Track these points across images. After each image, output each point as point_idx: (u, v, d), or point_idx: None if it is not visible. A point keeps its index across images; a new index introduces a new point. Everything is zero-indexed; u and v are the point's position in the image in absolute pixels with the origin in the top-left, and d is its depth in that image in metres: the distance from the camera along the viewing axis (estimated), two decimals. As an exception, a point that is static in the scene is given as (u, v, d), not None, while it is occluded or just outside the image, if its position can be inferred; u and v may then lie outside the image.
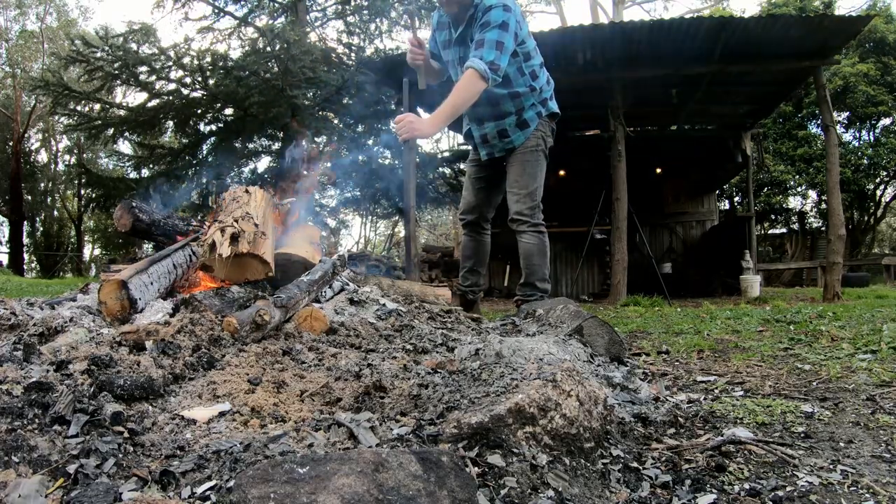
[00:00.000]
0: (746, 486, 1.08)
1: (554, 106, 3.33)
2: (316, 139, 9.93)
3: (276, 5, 11.71)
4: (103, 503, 0.86)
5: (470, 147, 3.57)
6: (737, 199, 16.88)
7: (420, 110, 7.94)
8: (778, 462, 1.19)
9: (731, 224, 10.55)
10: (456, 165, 12.56)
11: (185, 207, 10.27)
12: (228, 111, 10.33)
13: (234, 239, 2.22)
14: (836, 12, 12.84)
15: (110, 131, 10.07)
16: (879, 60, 14.68)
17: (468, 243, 3.58)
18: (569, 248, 10.26)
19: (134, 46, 9.00)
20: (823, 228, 15.02)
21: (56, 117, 17.50)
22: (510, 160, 3.31)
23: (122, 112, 10.39)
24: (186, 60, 8.87)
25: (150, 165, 11.10)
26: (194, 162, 10.70)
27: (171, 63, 8.94)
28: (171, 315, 1.93)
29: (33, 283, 10.30)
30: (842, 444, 1.29)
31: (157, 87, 9.63)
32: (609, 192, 7.17)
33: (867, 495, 1.04)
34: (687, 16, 16.63)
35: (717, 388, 1.85)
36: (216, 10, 11.83)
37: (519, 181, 3.26)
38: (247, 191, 2.62)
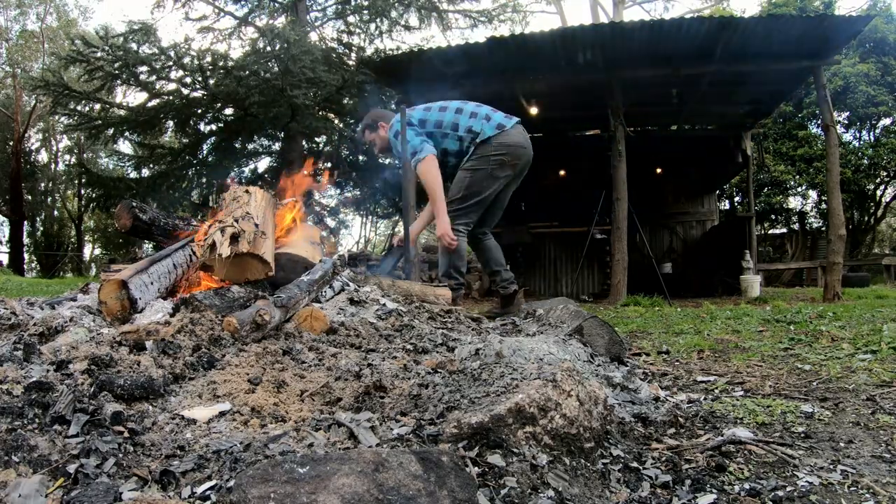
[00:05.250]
0: (746, 486, 1.08)
1: (490, 129, 3.55)
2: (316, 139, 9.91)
3: (276, 5, 11.71)
4: (103, 503, 0.86)
5: None
6: (737, 199, 16.87)
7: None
8: (778, 462, 1.19)
9: (732, 224, 10.55)
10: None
11: (185, 207, 10.27)
12: (228, 111, 10.32)
13: (234, 239, 2.21)
14: (836, 12, 12.83)
15: (110, 131, 10.07)
16: (880, 60, 14.66)
17: (476, 252, 4.07)
18: (569, 248, 10.25)
19: (134, 46, 8.98)
20: (824, 228, 15.00)
21: (56, 117, 17.48)
22: None
23: (122, 112, 10.40)
24: (186, 60, 8.86)
25: (150, 165, 11.10)
26: (194, 162, 10.70)
27: (171, 63, 8.94)
28: (172, 315, 1.92)
29: (33, 282, 10.31)
30: (842, 444, 1.29)
31: (158, 87, 9.64)
32: (609, 192, 7.17)
33: (867, 495, 1.04)
34: (687, 16, 16.65)
35: (717, 388, 1.85)
36: (216, 10, 11.84)
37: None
38: (247, 191, 2.61)
